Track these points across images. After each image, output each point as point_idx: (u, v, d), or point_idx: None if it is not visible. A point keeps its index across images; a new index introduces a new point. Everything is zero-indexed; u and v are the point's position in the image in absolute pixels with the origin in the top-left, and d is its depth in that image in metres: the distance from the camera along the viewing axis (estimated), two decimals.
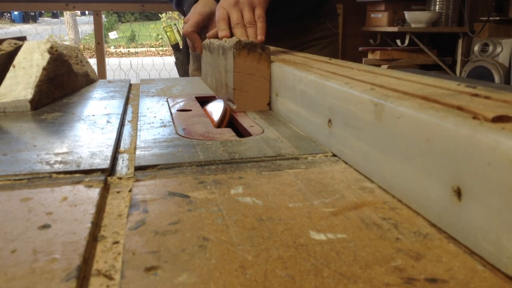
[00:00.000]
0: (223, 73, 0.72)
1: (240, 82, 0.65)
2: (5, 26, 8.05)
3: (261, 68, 0.65)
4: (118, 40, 10.82)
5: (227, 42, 0.68)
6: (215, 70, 0.81)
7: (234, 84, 0.65)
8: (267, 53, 0.65)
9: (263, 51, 0.65)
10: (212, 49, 0.83)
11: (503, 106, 0.31)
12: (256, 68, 0.65)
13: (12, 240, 0.27)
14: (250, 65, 0.64)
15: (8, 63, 0.74)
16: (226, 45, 0.68)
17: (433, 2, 3.24)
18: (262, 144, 0.49)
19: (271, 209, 0.32)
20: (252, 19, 0.80)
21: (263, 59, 0.65)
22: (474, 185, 0.26)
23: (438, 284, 0.23)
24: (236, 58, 0.64)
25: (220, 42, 0.74)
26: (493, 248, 0.25)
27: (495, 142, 0.24)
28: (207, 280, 0.23)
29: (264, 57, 0.65)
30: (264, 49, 0.65)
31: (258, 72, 0.65)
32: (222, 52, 0.71)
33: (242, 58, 0.64)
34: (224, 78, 0.71)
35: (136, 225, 0.30)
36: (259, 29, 0.80)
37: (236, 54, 0.63)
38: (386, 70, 0.55)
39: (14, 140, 0.50)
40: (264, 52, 0.65)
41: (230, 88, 0.66)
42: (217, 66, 0.78)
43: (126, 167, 0.43)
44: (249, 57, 0.64)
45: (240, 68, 0.64)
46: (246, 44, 0.64)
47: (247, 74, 0.64)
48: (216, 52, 0.77)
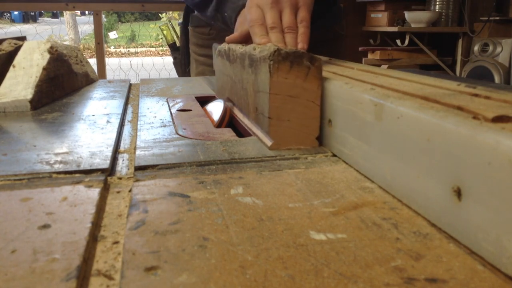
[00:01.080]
0: (250, 92, 0.54)
1: (278, 108, 0.46)
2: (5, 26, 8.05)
3: (308, 88, 0.46)
4: (118, 40, 10.82)
5: (259, 50, 0.49)
6: (236, 85, 0.62)
7: (269, 111, 0.46)
8: (317, 66, 0.46)
9: (312, 63, 0.45)
10: (233, 57, 0.63)
11: (503, 106, 0.31)
12: (302, 88, 0.46)
13: (12, 240, 0.27)
14: (294, 84, 0.45)
15: (8, 63, 0.74)
16: (257, 54, 0.49)
17: (433, 2, 3.24)
18: (262, 144, 0.49)
19: (271, 209, 0.32)
20: (293, 22, 0.64)
21: (312, 75, 0.45)
22: (474, 185, 0.26)
23: (438, 284, 0.23)
24: (273, 73, 0.45)
25: (246, 49, 0.55)
26: (493, 248, 0.25)
27: (495, 142, 0.24)
28: (207, 280, 0.23)
29: (313, 73, 0.45)
30: (313, 61, 0.45)
31: (304, 94, 0.46)
32: (250, 64, 0.52)
33: (282, 74, 0.45)
34: (252, 99, 0.53)
35: (136, 225, 0.30)
36: (301, 35, 0.63)
37: (274, 68, 0.45)
38: (386, 70, 0.55)
39: (14, 140, 0.50)
40: (313, 65, 0.45)
41: (263, 116, 0.48)
42: (241, 81, 0.59)
43: (126, 167, 0.43)
44: (292, 73, 0.45)
45: (279, 89, 0.45)
46: (289, 54, 0.45)
47: (288, 96, 0.46)
48: (240, 62, 0.58)
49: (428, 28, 3.17)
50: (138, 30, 11.45)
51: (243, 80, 0.57)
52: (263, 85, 0.47)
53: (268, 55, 0.45)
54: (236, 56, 0.61)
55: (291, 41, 0.62)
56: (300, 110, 0.46)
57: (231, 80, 0.65)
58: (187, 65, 1.26)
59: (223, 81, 0.73)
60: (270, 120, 0.46)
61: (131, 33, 11.24)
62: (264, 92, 0.47)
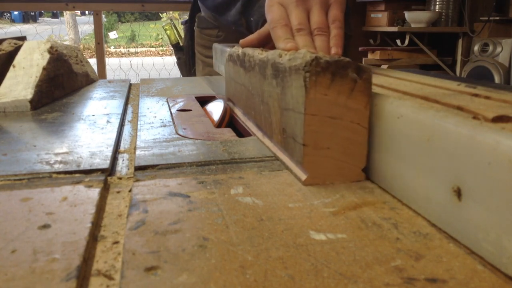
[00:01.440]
0: (274, 109, 0.44)
1: (315, 133, 0.36)
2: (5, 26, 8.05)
3: (354, 107, 0.36)
4: (118, 40, 10.83)
5: (287, 57, 0.40)
6: (254, 98, 0.52)
7: (304, 136, 0.36)
8: (365, 79, 0.36)
9: (360, 75, 0.36)
10: (250, 64, 0.53)
11: (503, 106, 0.31)
12: (346, 107, 0.36)
13: (12, 240, 0.27)
14: (335, 102, 0.36)
15: (8, 63, 0.74)
16: (285, 63, 0.40)
17: (433, 2, 3.24)
18: (262, 144, 0.49)
19: (271, 209, 0.32)
20: (323, 23, 0.54)
21: (359, 90, 0.36)
22: (474, 185, 0.26)
23: (438, 284, 0.23)
24: (310, 89, 0.35)
25: (269, 56, 0.45)
26: (493, 248, 0.25)
27: (495, 142, 0.24)
28: (207, 280, 0.23)
29: (360, 88, 0.36)
30: (361, 72, 0.36)
31: (348, 114, 0.37)
32: (274, 74, 0.43)
33: (321, 90, 0.36)
34: (276, 117, 0.43)
35: (136, 225, 0.30)
36: (334, 38, 0.53)
37: (311, 82, 0.35)
38: (386, 70, 0.55)
39: (14, 140, 0.50)
40: (360, 77, 0.36)
41: (295, 141, 0.38)
42: (260, 94, 0.49)
43: (126, 167, 0.43)
44: (333, 88, 0.36)
45: (317, 108, 0.36)
46: (330, 63, 0.35)
47: (328, 117, 0.36)
48: (259, 71, 0.49)
49: (428, 28, 3.17)
50: (138, 30, 11.45)
51: (264, 93, 0.47)
52: (295, 102, 0.38)
53: (303, 65, 0.36)
54: (254, 63, 0.51)
55: (323, 45, 0.53)
56: (343, 134, 0.37)
57: (246, 91, 0.56)
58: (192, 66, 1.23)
59: (235, 90, 0.64)
60: (305, 148, 0.37)
61: (131, 33, 11.24)
62: (296, 111, 0.38)
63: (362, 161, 0.38)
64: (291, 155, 0.41)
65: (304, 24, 0.54)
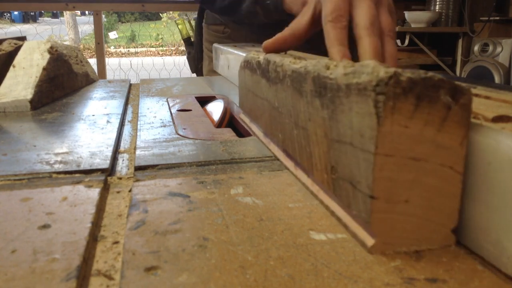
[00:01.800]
0: (317, 138, 0.34)
1: (390, 181, 0.26)
2: (5, 26, 8.05)
3: (446, 145, 0.26)
4: (118, 40, 10.83)
5: (342, 70, 0.29)
6: (282, 118, 0.42)
7: (374, 185, 0.26)
8: (463, 105, 0.25)
9: (455, 99, 0.25)
10: (277, 75, 0.42)
11: (503, 106, 0.31)
12: (434, 144, 0.26)
13: (12, 240, 0.27)
14: (420, 137, 0.25)
15: (8, 63, 0.74)
16: (338, 77, 0.29)
17: (433, 2, 3.25)
18: (262, 144, 0.49)
19: (271, 209, 0.32)
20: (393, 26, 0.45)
21: (453, 120, 0.25)
22: (474, 185, 0.26)
23: (438, 284, 0.23)
24: (386, 118, 0.25)
25: (308, 66, 0.35)
26: (493, 248, 0.25)
27: (495, 142, 0.24)
28: (207, 280, 0.23)
29: (455, 116, 0.25)
30: (457, 94, 0.25)
31: (437, 155, 0.26)
32: (319, 91, 0.32)
33: (401, 120, 0.25)
34: (321, 149, 0.33)
35: (136, 225, 0.30)
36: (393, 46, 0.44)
37: (387, 108, 0.25)
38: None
39: (14, 140, 0.50)
40: (456, 102, 0.25)
41: (358, 190, 0.27)
42: (293, 114, 0.38)
43: (126, 167, 0.43)
44: (418, 117, 0.25)
45: (393, 145, 0.25)
46: (414, 82, 0.24)
47: (409, 159, 0.26)
48: (291, 84, 0.38)
49: (428, 28, 3.18)
50: (138, 30, 11.46)
51: (299, 115, 0.37)
52: (356, 134, 0.27)
53: (374, 84, 0.25)
54: (283, 74, 0.40)
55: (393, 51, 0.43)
56: (428, 182, 0.26)
57: (270, 107, 0.45)
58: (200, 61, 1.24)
59: (253, 104, 0.52)
60: (374, 202, 0.26)
61: (131, 33, 11.24)
62: (357, 147, 0.27)
63: (452, 220, 0.27)
64: (346, 205, 0.30)
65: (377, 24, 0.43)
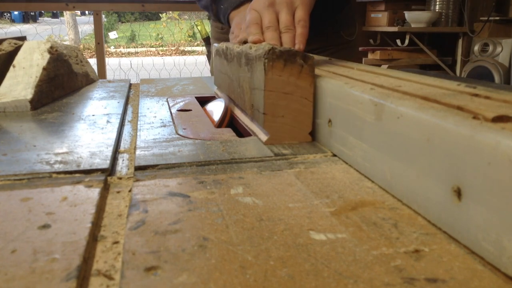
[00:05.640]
0: (246, 90, 0.56)
1: (273, 105, 0.48)
2: (5, 26, 8.05)
3: (301, 85, 0.48)
4: (118, 40, 10.82)
5: (254, 48, 0.51)
6: (234, 84, 0.64)
7: (264, 107, 0.48)
8: (310, 64, 0.47)
9: (305, 62, 0.47)
10: (230, 56, 0.65)
11: (503, 106, 0.31)
12: (295, 86, 0.48)
13: (12, 240, 0.27)
14: (287, 81, 0.47)
15: (8, 63, 0.74)
16: (253, 53, 0.51)
17: (433, 2, 3.24)
18: (262, 144, 0.49)
19: (271, 209, 0.32)
20: (289, 22, 0.63)
21: (305, 73, 0.47)
22: (474, 185, 0.26)
23: (438, 284, 0.23)
24: (268, 71, 0.47)
25: (243, 48, 0.57)
26: (493, 248, 0.25)
27: (495, 142, 0.24)
28: (207, 280, 0.23)
29: (306, 71, 0.47)
30: (306, 59, 0.47)
31: (297, 91, 0.48)
32: (246, 62, 0.55)
33: (276, 72, 0.47)
34: (248, 96, 0.55)
35: (136, 225, 0.30)
36: (299, 35, 0.62)
37: (269, 66, 0.46)
38: (386, 70, 0.55)
39: (14, 140, 0.50)
40: (306, 63, 0.47)
41: (259, 112, 0.50)
42: (238, 79, 0.61)
43: (126, 167, 0.43)
44: (286, 71, 0.47)
45: (273, 86, 0.47)
46: (282, 52, 0.46)
47: (282, 93, 0.47)
48: (236, 61, 0.60)
49: (428, 28, 3.17)
50: (138, 30, 11.45)
51: (240, 78, 0.59)
52: (259, 82, 0.49)
53: (263, 54, 0.47)
54: (233, 55, 0.63)
55: (288, 41, 0.61)
56: (293, 106, 0.48)
57: (229, 79, 0.67)
58: None
59: (221, 79, 0.75)
60: (265, 116, 0.48)
61: (131, 33, 11.24)
62: (259, 89, 0.49)
63: (309, 126, 0.49)
64: (257, 123, 0.52)
65: (273, 23, 0.63)
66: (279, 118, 0.48)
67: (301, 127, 0.49)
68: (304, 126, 0.49)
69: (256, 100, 0.51)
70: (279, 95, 0.48)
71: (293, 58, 0.47)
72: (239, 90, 0.60)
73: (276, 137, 0.49)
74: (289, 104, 0.48)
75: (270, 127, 0.48)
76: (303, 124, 0.49)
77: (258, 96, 0.49)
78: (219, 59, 0.76)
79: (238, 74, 0.60)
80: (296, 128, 0.49)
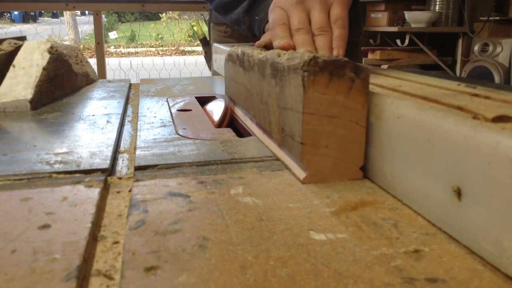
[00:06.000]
0: (273, 108, 0.45)
1: (313, 132, 0.37)
2: (5, 26, 8.05)
3: (351, 106, 0.37)
4: (118, 40, 10.83)
5: (286, 57, 0.40)
6: (253, 98, 0.53)
7: (303, 135, 0.37)
8: (363, 79, 0.37)
9: (357, 75, 0.36)
10: (248, 64, 0.53)
11: (503, 106, 0.31)
12: (343, 106, 0.37)
13: (12, 240, 0.27)
14: (333, 101, 0.36)
15: (8, 63, 0.74)
16: (284, 62, 0.40)
17: (433, 2, 3.24)
18: (262, 144, 0.49)
19: (271, 209, 0.32)
20: (325, 22, 0.52)
21: (356, 89, 0.37)
22: (474, 185, 0.26)
23: (438, 284, 0.23)
24: (308, 88, 0.36)
25: (267, 56, 0.46)
26: (493, 248, 0.25)
27: (495, 142, 0.24)
28: (207, 280, 0.23)
29: (357, 87, 0.36)
30: (358, 71, 0.36)
31: (346, 114, 0.37)
32: (273, 74, 0.43)
33: (319, 89, 0.36)
34: (275, 116, 0.44)
35: (136, 225, 0.30)
36: (337, 38, 0.52)
37: (309, 81, 0.36)
38: (386, 70, 0.55)
39: (14, 140, 0.50)
40: (358, 77, 0.36)
41: (294, 141, 0.39)
42: (259, 93, 0.49)
43: (126, 167, 0.43)
44: (331, 87, 0.36)
45: (315, 107, 0.36)
46: (327, 63, 0.36)
47: (326, 116, 0.37)
48: (258, 70, 0.49)
49: (428, 28, 3.17)
50: (138, 30, 11.46)
51: (263, 93, 0.48)
52: (293, 101, 0.38)
53: (301, 64, 0.36)
54: (253, 63, 0.51)
55: (324, 45, 0.51)
56: (340, 133, 0.37)
57: (246, 90, 0.56)
58: None
59: (235, 89, 0.65)
60: (304, 147, 0.37)
61: (131, 33, 11.24)
62: (294, 110, 0.38)
63: (359, 160, 0.38)
64: (290, 153, 0.41)
65: (303, 24, 0.53)
66: (321, 149, 0.37)
67: (350, 160, 0.38)
68: (353, 159, 0.38)
69: (289, 123, 0.40)
70: (322, 119, 0.37)
71: (342, 71, 0.36)
72: (261, 107, 0.49)
73: (317, 174, 0.38)
74: (335, 130, 0.37)
75: (310, 161, 0.37)
76: (352, 156, 0.38)
77: (292, 119, 0.39)
78: (232, 66, 0.64)
79: (260, 87, 0.49)
80: (344, 162, 0.38)
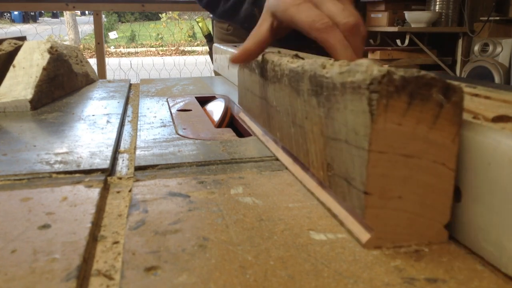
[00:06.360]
0: (315, 136, 0.34)
1: (383, 177, 0.26)
2: (5, 26, 8.05)
3: (437, 141, 0.26)
4: (118, 40, 10.83)
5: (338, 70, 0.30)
6: (281, 117, 0.42)
7: (368, 181, 0.26)
8: (455, 103, 0.26)
9: (448, 98, 0.25)
10: (274, 74, 0.43)
11: (503, 106, 0.31)
12: (426, 142, 0.26)
13: (12, 240, 0.27)
14: (412, 134, 0.26)
15: (8, 63, 0.74)
16: (334, 76, 0.30)
17: (433, 2, 3.24)
18: (262, 144, 0.49)
19: (271, 209, 0.32)
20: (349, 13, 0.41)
21: (445, 118, 0.26)
22: (474, 185, 0.26)
23: (438, 284, 0.23)
24: (379, 116, 0.25)
25: (305, 66, 0.35)
26: (493, 248, 0.25)
27: (495, 142, 0.24)
28: (207, 280, 0.23)
29: (446, 115, 0.26)
30: (449, 92, 0.25)
31: (430, 152, 0.26)
32: (315, 90, 0.33)
33: (394, 117, 0.25)
34: (319, 147, 0.34)
35: (136, 225, 0.30)
36: None
37: (381, 106, 0.25)
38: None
39: (14, 140, 0.50)
40: (449, 101, 0.25)
41: (352, 186, 0.28)
42: (291, 113, 0.39)
43: (126, 167, 0.43)
44: (410, 114, 0.25)
45: (386, 142, 0.26)
46: (407, 80, 0.25)
47: (402, 156, 0.26)
48: (289, 83, 0.39)
49: (428, 28, 3.17)
50: (138, 30, 11.46)
51: (297, 113, 0.37)
52: (350, 132, 0.28)
53: (368, 82, 0.25)
54: (280, 74, 0.41)
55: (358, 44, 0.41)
56: (421, 179, 0.27)
57: (268, 106, 0.45)
58: None
59: (251, 102, 0.53)
60: (368, 198, 0.26)
61: (131, 33, 11.24)
62: (352, 145, 0.28)
63: (445, 215, 0.27)
64: (342, 201, 0.30)
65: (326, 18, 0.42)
66: (393, 201, 0.27)
67: (432, 215, 0.27)
68: (436, 213, 0.27)
69: (342, 160, 0.29)
70: (396, 160, 0.26)
71: (426, 92, 0.25)
72: (293, 131, 0.39)
73: (386, 235, 0.27)
74: (413, 175, 0.26)
75: (377, 217, 0.27)
76: (435, 210, 0.27)
77: (349, 157, 0.28)
78: (249, 74, 0.53)
79: (292, 106, 0.38)
80: (423, 218, 0.27)
